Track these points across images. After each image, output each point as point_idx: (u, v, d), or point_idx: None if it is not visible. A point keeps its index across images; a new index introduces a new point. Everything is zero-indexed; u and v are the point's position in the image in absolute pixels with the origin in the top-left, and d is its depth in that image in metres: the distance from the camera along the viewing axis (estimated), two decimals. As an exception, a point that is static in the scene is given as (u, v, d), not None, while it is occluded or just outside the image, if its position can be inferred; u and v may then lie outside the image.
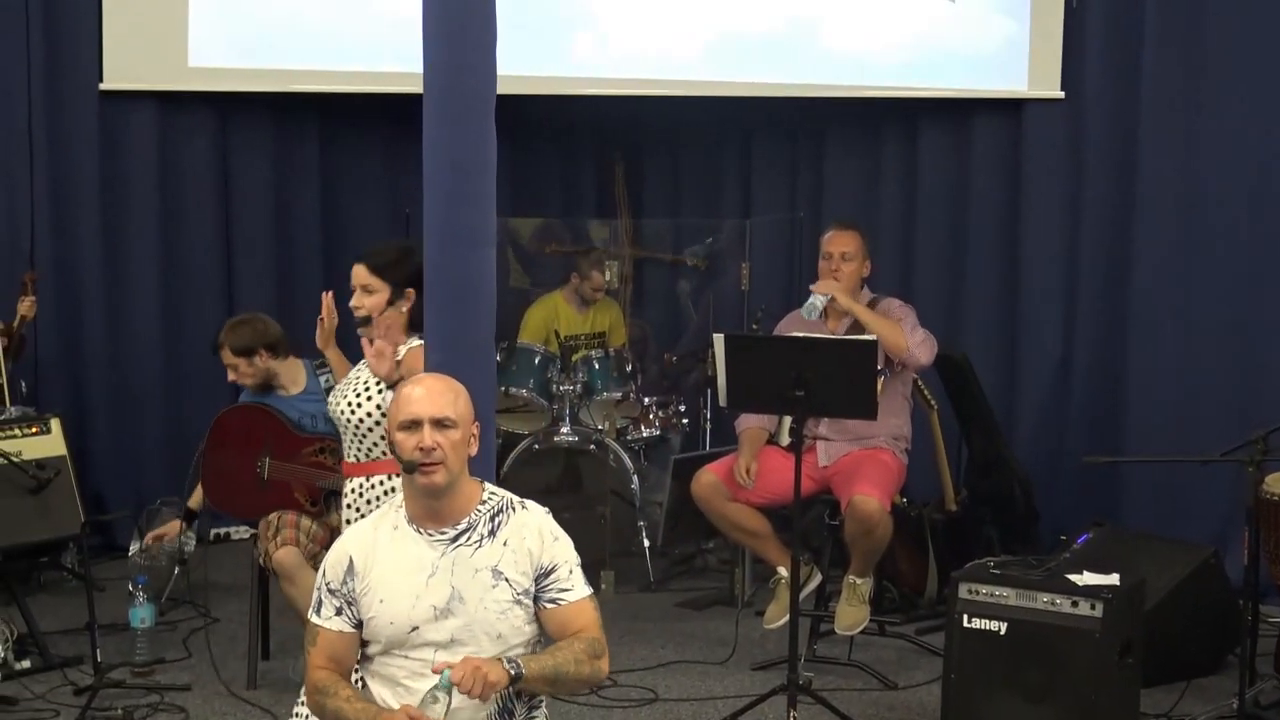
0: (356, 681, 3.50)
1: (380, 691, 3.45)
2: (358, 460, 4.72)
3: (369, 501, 4.64)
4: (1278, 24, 6.76)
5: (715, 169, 8.86)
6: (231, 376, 5.84)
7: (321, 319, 5.04)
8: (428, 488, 3.39)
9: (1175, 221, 6.99)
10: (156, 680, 5.52)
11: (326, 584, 3.46)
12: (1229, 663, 5.56)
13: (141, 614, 5.71)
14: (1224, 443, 5.31)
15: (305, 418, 5.63)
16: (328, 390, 5.62)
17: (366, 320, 4.71)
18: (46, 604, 6.44)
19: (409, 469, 3.38)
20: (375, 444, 4.65)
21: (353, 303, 4.78)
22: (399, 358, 4.54)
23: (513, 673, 3.26)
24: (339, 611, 3.43)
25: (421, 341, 4.40)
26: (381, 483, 4.65)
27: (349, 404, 4.71)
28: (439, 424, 3.38)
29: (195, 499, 5.93)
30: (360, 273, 4.77)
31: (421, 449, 3.36)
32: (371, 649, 3.47)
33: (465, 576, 3.38)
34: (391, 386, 4.39)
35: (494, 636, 3.39)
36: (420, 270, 4.32)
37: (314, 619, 3.48)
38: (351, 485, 4.72)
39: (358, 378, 4.76)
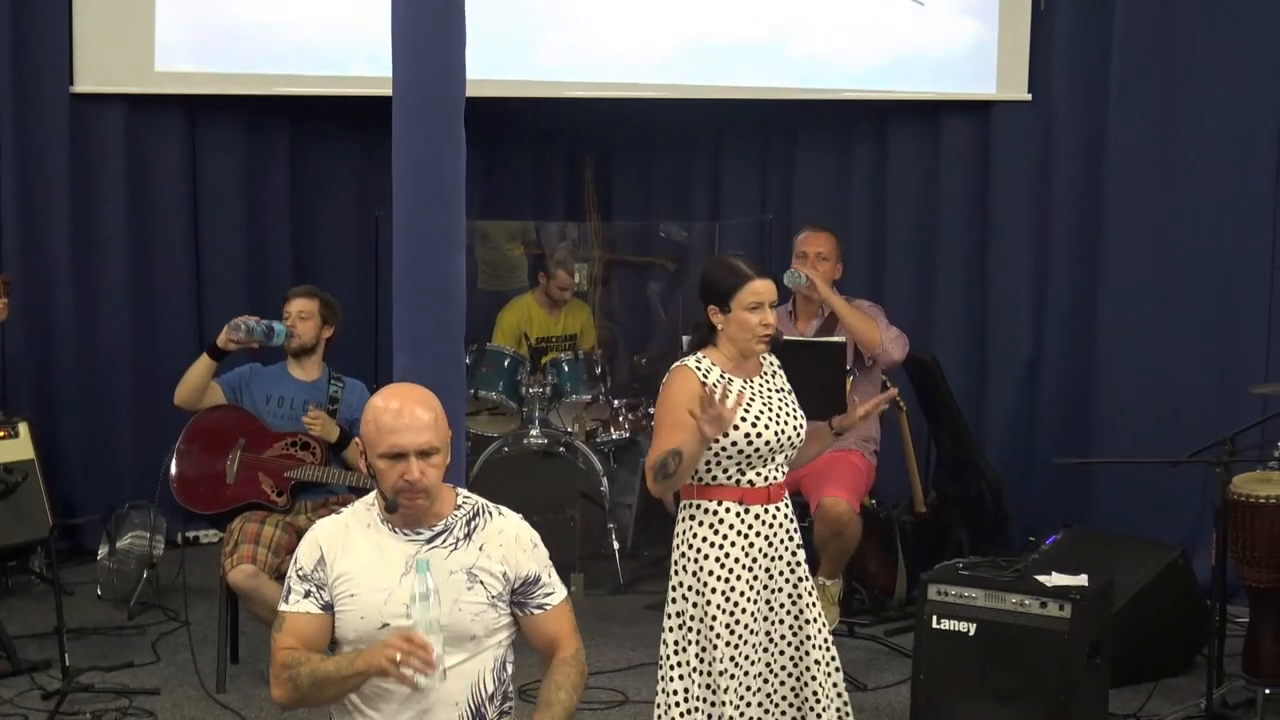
0: None
1: (350, 694, 3.41)
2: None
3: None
4: (1245, 27, 6.79)
5: (685, 171, 8.84)
6: (292, 324, 5.77)
7: None
8: (410, 510, 3.35)
9: (1143, 222, 7.02)
10: (125, 684, 5.51)
11: (297, 570, 3.39)
12: (1197, 663, 5.59)
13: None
14: (1193, 443, 5.35)
15: (304, 407, 5.70)
16: (333, 400, 5.64)
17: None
18: (14, 608, 6.40)
19: (392, 507, 3.33)
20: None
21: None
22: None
23: None
24: (308, 595, 3.36)
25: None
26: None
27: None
28: (425, 454, 3.30)
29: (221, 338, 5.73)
30: None
31: (408, 480, 3.28)
32: (342, 648, 3.41)
33: (440, 577, 3.32)
34: None
35: (467, 638, 3.37)
36: None
37: (283, 607, 3.41)
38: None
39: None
